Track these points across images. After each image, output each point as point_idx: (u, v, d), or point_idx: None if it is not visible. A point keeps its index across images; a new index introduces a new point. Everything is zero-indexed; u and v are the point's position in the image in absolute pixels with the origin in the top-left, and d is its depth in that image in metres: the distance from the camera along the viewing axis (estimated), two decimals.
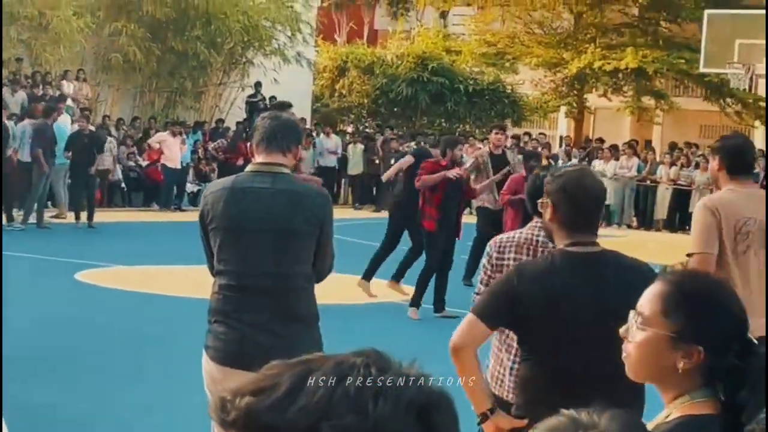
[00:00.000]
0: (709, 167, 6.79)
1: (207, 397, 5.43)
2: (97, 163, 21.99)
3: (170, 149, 26.55)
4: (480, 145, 30.90)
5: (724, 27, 29.35)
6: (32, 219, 20.34)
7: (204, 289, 13.64)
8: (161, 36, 30.15)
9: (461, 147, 13.78)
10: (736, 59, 27.87)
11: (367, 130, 36.11)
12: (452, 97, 35.96)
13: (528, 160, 13.52)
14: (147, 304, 13.40)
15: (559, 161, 30.72)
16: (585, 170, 4.75)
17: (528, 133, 34.08)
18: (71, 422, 8.38)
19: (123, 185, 26.86)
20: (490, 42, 40.81)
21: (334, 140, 31.61)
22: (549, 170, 4.84)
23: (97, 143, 22.31)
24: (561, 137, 40.20)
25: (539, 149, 26.72)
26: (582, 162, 31.61)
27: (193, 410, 6.98)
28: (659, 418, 2.72)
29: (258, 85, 32.16)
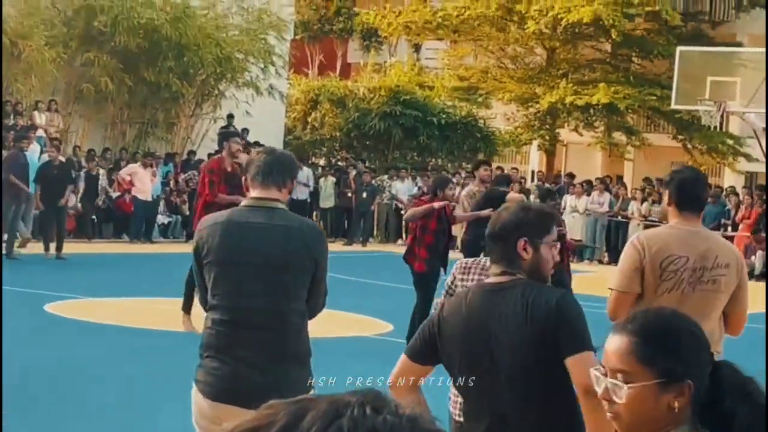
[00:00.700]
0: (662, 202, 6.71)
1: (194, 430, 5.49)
2: (67, 195, 21.89)
3: (141, 181, 26.49)
4: (455, 180, 31.07)
5: (696, 64, 29.65)
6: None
7: (173, 322, 13.57)
8: (133, 67, 30.12)
9: (452, 186, 13.76)
10: (707, 96, 28.10)
11: (339, 163, 36.17)
12: (425, 131, 36.07)
13: (544, 199, 13.32)
14: (117, 337, 13.29)
15: (531, 196, 30.80)
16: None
17: (500, 168, 34.19)
18: None
19: (93, 216, 26.74)
20: (463, 77, 41.02)
21: (306, 173, 31.62)
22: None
23: (68, 174, 22.23)
24: (533, 171, 40.41)
25: (513, 185, 26.71)
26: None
27: None
28: None
29: (230, 117, 32.16)
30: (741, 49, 34.05)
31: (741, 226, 29.39)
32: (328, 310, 14.71)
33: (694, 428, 2.67)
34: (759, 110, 27.92)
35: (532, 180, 36.69)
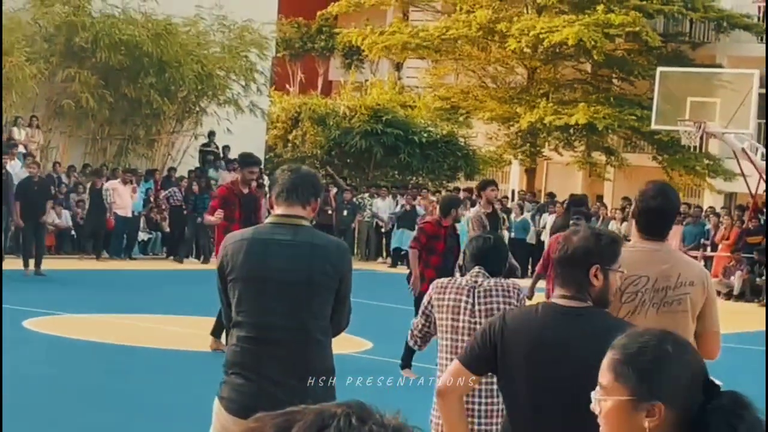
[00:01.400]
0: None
1: None
2: (48, 211, 21.83)
3: (121, 197, 26.43)
4: (432, 198, 31.14)
5: (677, 85, 29.77)
6: None
7: (153, 339, 13.52)
8: (114, 83, 30.07)
9: (463, 206, 13.74)
10: (687, 116, 28.21)
11: None
12: (406, 149, 36.10)
13: (568, 210, 13.18)
14: (96, 353, 13.24)
15: (512, 215, 30.88)
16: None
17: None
18: None
19: (73, 232, 26.65)
20: (444, 97, 41.10)
21: None
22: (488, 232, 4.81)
23: (47, 190, 22.17)
24: (513, 191, 40.47)
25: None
26: (534, 216, 31.79)
27: None
28: None
29: (211, 134, 32.14)
30: (721, 70, 34.23)
31: (720, 246, 29.48)
32: None
33: None
34: (738, 131, 28.06)
35: (512, 200, 36.70)
